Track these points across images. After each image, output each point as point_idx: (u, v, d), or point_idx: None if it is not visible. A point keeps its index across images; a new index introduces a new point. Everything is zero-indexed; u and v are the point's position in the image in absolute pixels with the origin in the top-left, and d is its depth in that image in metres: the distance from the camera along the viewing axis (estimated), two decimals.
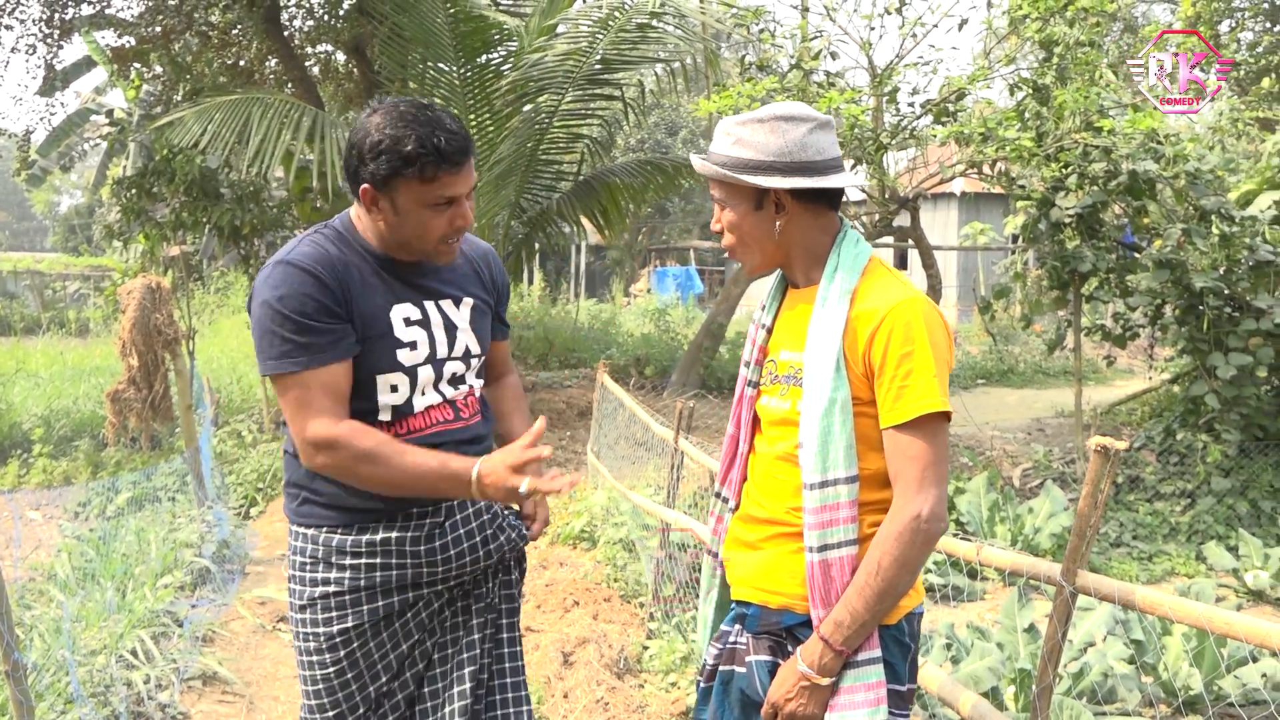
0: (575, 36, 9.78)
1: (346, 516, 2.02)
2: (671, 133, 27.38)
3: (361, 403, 1.98)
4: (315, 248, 1.97)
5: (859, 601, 1.78)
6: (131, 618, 4.48)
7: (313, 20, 12.15)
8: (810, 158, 1.87)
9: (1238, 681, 4.12)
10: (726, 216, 1.94)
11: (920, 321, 1.80)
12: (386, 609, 2.05)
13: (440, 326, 2.07)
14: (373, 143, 1.90)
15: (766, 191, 1.88)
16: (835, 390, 1.81)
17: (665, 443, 5.16)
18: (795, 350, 1.92)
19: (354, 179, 1.96)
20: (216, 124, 8.45)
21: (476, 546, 2.10)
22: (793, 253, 1.94)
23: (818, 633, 1.81)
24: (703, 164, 1.93)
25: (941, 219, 21.40)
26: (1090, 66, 7.53)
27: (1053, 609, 2.32)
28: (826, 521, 1.82)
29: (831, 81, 8.13)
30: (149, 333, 6.45)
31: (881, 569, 1.77)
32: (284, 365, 1.90)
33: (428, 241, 1.99)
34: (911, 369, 1.79)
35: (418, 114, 1.92)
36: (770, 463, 1.94)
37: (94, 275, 25.29)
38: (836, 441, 1.82)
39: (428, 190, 1.92)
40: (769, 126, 1.87)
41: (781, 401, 1.93)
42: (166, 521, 6.08)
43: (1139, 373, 11.48)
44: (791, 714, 1.82)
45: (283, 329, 1.89)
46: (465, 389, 2.13)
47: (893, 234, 9.25)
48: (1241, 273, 6.96)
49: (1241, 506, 6.80)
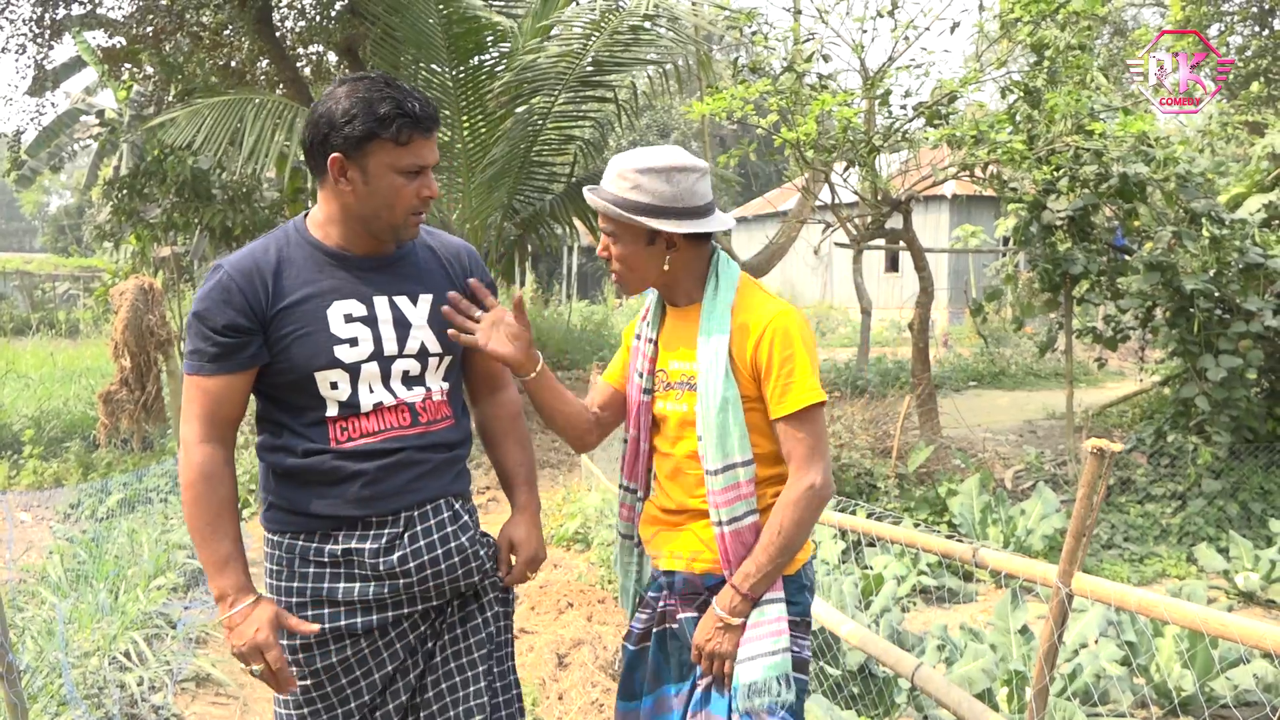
0: (568, 38, 9.78)
1: (309, 522, 2.00)
2: (664, 135, 27.41)
3: (304, 398, 1.99)
4: (249, 252, 2.00)
5: (764, 556, 2.10)
6: (124, 619, 4.46)
7: (304, 21, 12.12)
8: (697, 203, 2.14)
9: (1230, 682, 4.14)
10: (617, 249, 2.17)
11: (795, 329, 2.13)
12: (349, 627, 2.01)
13: (389, 323, 2.03)
14: (344, 108, 1.90)
15: (659, 231, 2.13)
16: (727, 390, 2.11)
17: None
18: (685, 360, 2.20)
19: (321, 149, 1.94)
20: (209, 124, 8.43)
21: (439, 559, 2.04)
22: (677, 280, 2.22)
23: (730, 583, 2.13)
24: (603, 203, 2.14)
25: (933, 221, 21.46)
26: (1081, 70, 7.56)
27: (1049, 611, 2.33)
28: (731, 499, 2.13)
29: (824, 84, 8.14)
30: (141, 334, 6.42)
31: (784, 529, 2.10)
32: (188, 366, 1.99)
33: (396, 213, 1.98)
34: (793, 369, 2.10)
35: (387, 83, 1.94)
36: (678, 460, 2.21)
37: (84, 276, 25.19)
38: (731, 432, 2.12)
39: (401, 154, 1.93)
40: (663, 176, 2.12)
41: (679, 405, 2.21)
42: (159, 523, 6.06)
43: (1130, 375, 11.52)
44: (712, 651, 2.14)
45: (195, 334, 1.96)
46: (423, 391, 2.06)
47: (885, 236, 9.27)
48: (1231, 275, 6.99)
49: (1232, 508, 6.84)
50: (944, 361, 14.14)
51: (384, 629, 2.04)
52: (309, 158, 1.99)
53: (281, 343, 1.96)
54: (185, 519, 1.98)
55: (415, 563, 2.01)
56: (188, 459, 1.96)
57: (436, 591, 2.06)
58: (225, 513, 1.95)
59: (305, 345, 1.96)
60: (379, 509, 1.99)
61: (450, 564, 2.05)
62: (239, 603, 1.92)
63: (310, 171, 2.04)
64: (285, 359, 1.96)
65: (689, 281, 2.22)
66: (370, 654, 2.05)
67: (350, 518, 1.99)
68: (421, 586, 2.03)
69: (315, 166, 1.98)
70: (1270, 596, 5.73)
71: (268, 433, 2.05)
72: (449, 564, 2.05)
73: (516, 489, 2.25)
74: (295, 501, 2.00)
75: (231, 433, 2.01)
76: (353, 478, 1.97)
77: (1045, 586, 2.37)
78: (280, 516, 2.03)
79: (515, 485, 2.25)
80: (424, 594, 2.04)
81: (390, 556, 1.99)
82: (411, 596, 2.04)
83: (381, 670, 2.06)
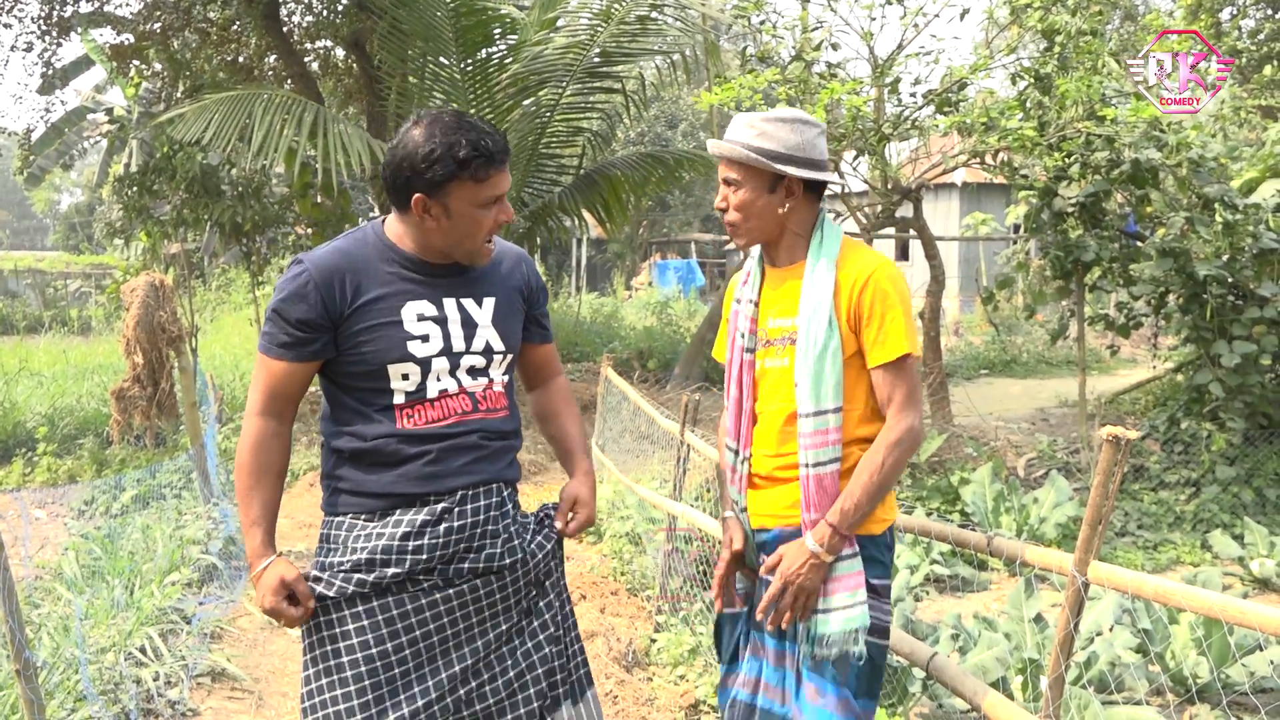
0: (575, 29, 9.76)
1: (371, 502, 2.12)
2: (671, 125, 27.34)
3: (376, 383, 2.13)
4: (331, 251, 2.15)
5: (861, 494, 2.20)
6: (140, 615, 4.48)
7: (312, 16, 12.12)
8: (818, 156, 2.29)
9: (1246, 669, 4.12)
10: (739, 196, 2.30)
11: (894, 282, 2.25)
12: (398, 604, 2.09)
13: (458, 323, 2.18)
14: (425, 153, 2.05)
15: (782, 178, 2.27)
16: (829, 338, 2.22)
17: (670, 436, 5.17)
18: (785, 317, 2.31)
19: (404, 190, 2.09)
20: (218, 120, 8.43)
21: (485, 535, 2.15)
22: (786, 233, 2.33)
23: (825, 520, 2.20)
24: (730, 147, 2.27)
25: (943, 209, 21.37)
26: (1092, 55, 7.49)
27: (1065, 599, 2.32)
28: (820, 443, 2.22)
29: (833, 72, 8.10)
30: (153, 330, 6.44)
31: (884, 467, 2.20)
32: (261, 344, 2.17)
33: (477, 240, 2.14)
34: (893, 318, 2.22)
35: (459, 121, 2.08)
36: (778, 419, 2.30)
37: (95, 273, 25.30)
38: (827, 379, 2.22)
39: (479, 190, 2.08)
40: (790, 126, 2.27)
41: (779, 360, 2.31)
42: (173, 519, 6.09)
43: (1142, 362, 11.47)
44: (800, 585, 2.21)
45: (271, 319, 2.13)
46: (486, 381, 2.21)
47: (895, 224, 9.23)
48: (1245, 260, 6.94)
49: (1246, 495, 6.80)
50: (955, 350, 14.10)
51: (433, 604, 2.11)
52: (390, 193, 2.14)
53: (357, 337, 2.11)
54: (235, 477, 2.18)
55: (460, 535, 2.12)
56: (246, 426, 2.17)
57: (470, 564, 2.14)
58: (265, 479, 2.14)
59: (380, 340, 2.11)
60: (437, 487, 2.12)
61: (494, 541, 2.16)
62: (255, 566, 2.11)
63: (391, 203, 2.17)
64: (359, 352, 2.12)
65: (796, 238, 2.33)
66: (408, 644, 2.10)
67: (409, 495, 2.12)
68: (460, 556, 2.13)
69: (395, 200, 2.13)
70: None
71: (335, 420, 2.19)
72: (492, 540, 2.16)
73: (575, 456, 2.42)
74: (360, 483, 2.14)
75: (291, 409, 2.19)
76: (416, 457, 2.11)
77: (1060, 575, 2.35)
78: (344, 499, 2.16)
79: (574, 452, 2.43)
80: (461, 562, 2.13)
81: (438, 526, 2.11)
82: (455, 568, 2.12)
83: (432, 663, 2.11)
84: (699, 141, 24.92)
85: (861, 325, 2.24)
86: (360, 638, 2.07)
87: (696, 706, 3.91)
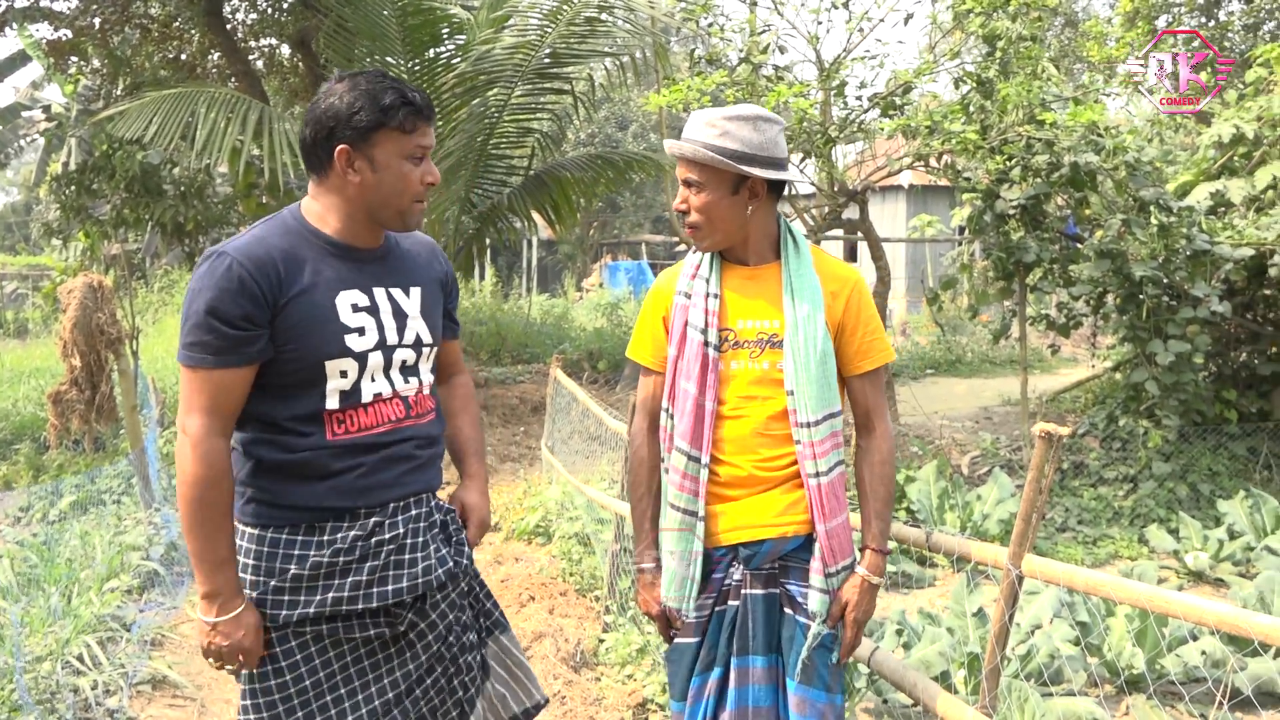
0: (524, 29, 9.72)
1: (293, 515, 2.00)
2: (622, 127, 27.36)
3: (308, 384, 1.99)
4: (255, 240, 1.98)
5: (887, 512, 2.23)
6: (78, 623, 4.39)
7: (256, 13, 11.96)
8: (780, 155, 2.22)
9: (1179, 660, 4.23)
10: (700, 198, 2.21)
11: (867, 291, 2.30)
12: (330, 616, 2.01)
13: (389, 313, 2.08)
14: (348, 102, 1.97)
15: (745, 179, 2.20)
16: (825, 343, 2.20)
17: (619, 436, 5.17)
18: (761, 319, 2.23)
19: (327, 143, 1.99)
20: (160, 118, 8.27)
21: (416, 547, 2.06)
22: (752, 235, 2.26)
23: (870, 548, 2.23)
24: (691, 148, 2.18)
25: (890, 211, 21.64)
26: (1032, 61, 7.65)
27: (1000, 592, 2.37)
28: (828, 449, 2.19)
29: (780, 75, 8.17)
30: (91, 333, 6.30)
31: (891, 479, 2.25)
32: (191, 358, 1.93)
33: (404, 197, 2.03)
34: (875, 327, 2.26)
35: (383, 76, 2.02)
36: (757, 423, 2.22)
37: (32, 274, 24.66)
38: (831, 384, 2.21)
39: (407, 141, 2.00)
40: (752, 124, 2.18)
41: (754, 363, 2.23)
42: (112, 525, 5.97)
43: (1082, 361, 11.71)
44: (863, 618, 2.23)
45: (200, 324, 1.92)
46: (416, 383, 2.12)
47: (842, 226, 9.33)
48: (1179, 262, 7.12)
49: (1181, 490, 6.98)
50: (902, 350, 14.27)
51: (364, 630, 2.03)
52: (309, 153, 2.03)
53: (291, 332, 1.96)
54: (184, 514, 1.94)
55: (391, 547, 2.03)
56: (194, 453, 1.92)
57: (409, 581, 2.05)
58: (229, 511, 1.96)
59: (315, 334, 1.97)
60: (369, 500, 2.02)
61: (426, 554, 2.07)
62: (231, 606, 1.93)
63: (308, 167, 2.04)
64: (295, 349, 1.96)
65: (762, 239, 2.28)
66: (353, 662, 2.04)
67: (338, 509, 2.00)
68: (396, 572, 2.03)
69: (316, 161, 2.02)
70: (1219, 575, 5.86)
71: (253, 428, 2.01)
72: (424, 555, 2.07)
73: (468, 459, 2.33)
74: (280, 494, 2.00)
75: (233, 426, 1.99)
76: (348, 470, 2.00)
77: (997, 569, 2.40)
78: (261, 510, 2.02)
79: (466, 455, 2.33)
80: (397, 581, 2.04)
81: (369, 540, 2.01)
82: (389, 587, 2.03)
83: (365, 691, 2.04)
84: (649, 143, 24.97)
85: (844, 333, 2.24)
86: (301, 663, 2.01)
87: (644, 705, 3.92)
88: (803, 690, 2.18)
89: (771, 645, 2.23)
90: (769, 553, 2.23)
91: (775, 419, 2.21)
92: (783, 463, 2.22)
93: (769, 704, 2.21)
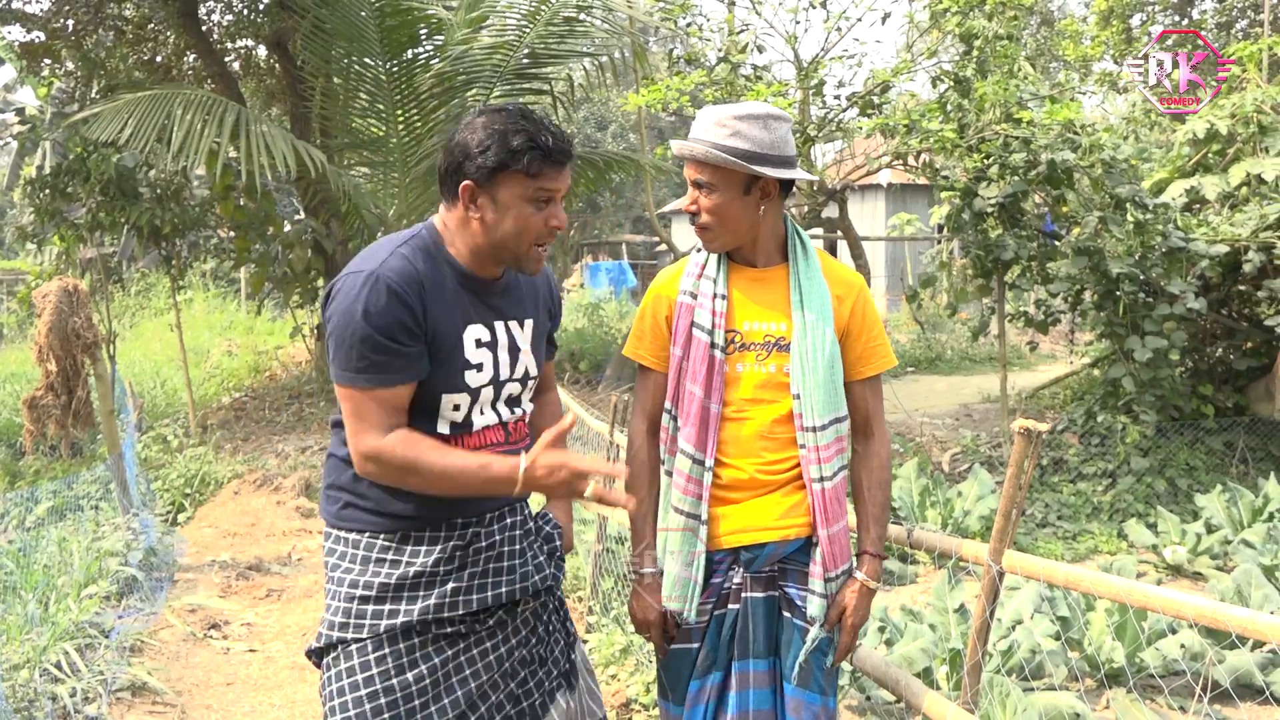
0: (503, 29, 9.71)
1: (393, 523, 2.00)
2: (601, 127, 27.37)
3: (424, 418, 1.99)
4: (405, 263, 1.95)
5: (885, 516, 2.23)
6: (55, 630, 4.35)
7: (232, 14, 11.87)
8: (790, 153, 2.18)
9: (1158, 653, 4.27)
10: (710, 200, 2.16)
11: (871, 297, 2.29)
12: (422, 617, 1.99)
13: (505, 348, 2.08)
14: (480, 139, 1.94)
15: (756, 179, 2.15)
16: (833, 347, 2.18)
17: (601, 437, 5.17)
18: (771, 321, 2.21)
19: (454, 177, 1.97)
20: (136, 120, 8.20)
21: (514, 554, 2.08)
22: (761, 235, 2.22)
23: (868, 553, 2.22)
24: (703, 149, 2.13)
25: (870, 210, 21.72)
26: (1009, 59, 7.71)
27: (981, 588, 2.38)
28: (834, 453, 2.18)
29: (758, 75, 8.20)
30: (66, 337, 6.23)
31: (888, 484, 2.25)
32: (357, 380, 1.91)
33: (523, 242, 1.99)
34: (879, 333, 2.26)
35: (521, 114, 1.98)
36: (762, 426, 2.20)
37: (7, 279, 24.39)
38: (839, 388, 2.20)
39: (531, 184, 1.95)
40: (762, 123, 2.14)
41: (760, 366, 2.20)
42: (90, 530, 5.91)
43: (1061, 357, 11.78)
44: (865, 620, 2.22)
45: (363, 345, 1.89)
46: (519, 412, 2.13)
47: (822, 225, 9.36)
48: (1155, 259, 7.19)
49: (1159, 485, 7.04)
50: None
51: (463, 634, 2.03)
52: (442, 184, 2.01)
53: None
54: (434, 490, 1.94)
55: (491, 558, 2.04)
56: (385, 461, 1.90)
57: (508, 587, 2.06)
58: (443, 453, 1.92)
59: (443, 367, 1.97)
60: (464, 512, 2.03)
61: (524, 561, 2.09)
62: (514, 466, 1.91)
63: (442, 194, 2.03)
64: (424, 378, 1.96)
65: (770, 240, 2.24)
66: (440, 664, 2.02)
67: (435, 519, 2.01)
68: (495, 579, 2.05)
69: (448, 191, 2.01)
70: (1197, 569, 5.92)
71: None
72: (522, 561, 2.09)
73: None
74: (383, 503, 2.00)
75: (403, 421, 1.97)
76: None
77: (978, 565, 2.42)
78: (361, 515, 2.02)
79: None
80: (496, 586, 2.05)
81: (468, 550, 2.02)
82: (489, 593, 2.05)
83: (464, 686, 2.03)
84: (629, 143, 24.99)
85: (849, 338, 2.23)
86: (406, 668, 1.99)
87: (628, 705, 3.92)
88: (799, 693, 2.17)
89: (771, 649, 2.21)
90: (770, 556, 2.21)
91: (779, 422, 2.19)
92: (784, 466, 2.20)
93: (769, 707, 2.20)
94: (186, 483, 7.83)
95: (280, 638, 5.04)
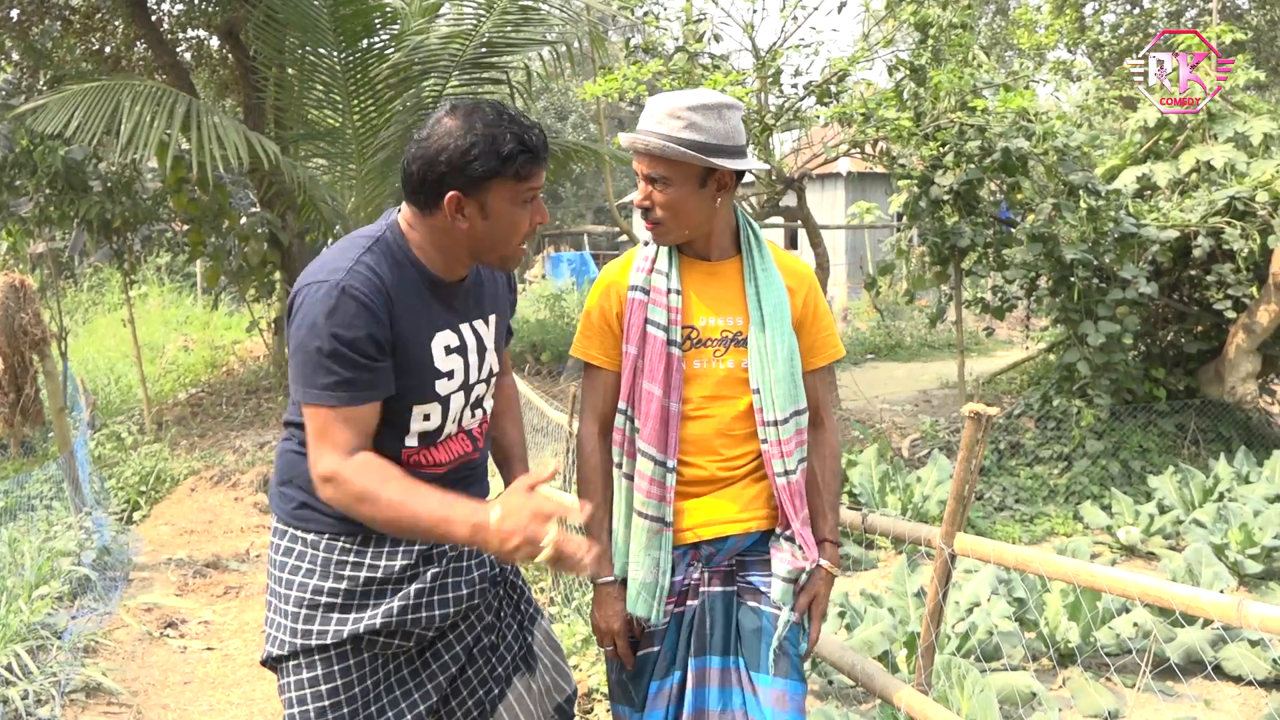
0: (459, 18, 9.63)
1: (352, 525, 1.91)
2: (561, 117, 27.27)
3: (393, 429, 1.92)
4: (371, 274, 1.86)
5: (838, 502, 2.26)
6: (6, 632, 4.27)
7: (182, 4, 11.66)
8: (743, 142, 2.11)
9: (1111, 632, 4.34)
10: (664, 194, 2.07)
11: (820, 288, 2.27)
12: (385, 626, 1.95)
13: (474, 350, 2.02)
14: (465, 147, 1.82)
15: (712, 171, 2.07)
16: (791, 339, 2.15)
17: (561, 427, 5.16)
18: (724, 316, 2.15)
19: (436, 187, 1.85)
20: (83, 111, 8.02)
21: (473, 567, 2.06)
22: (716, 228, 2.16)
23: (828, 540, 2.21)
24: (658, 143, 2.03)
25: (829, 199, 21.83)
26: (963, 48, 7.77)
27: (934, 571, 2.41)
28: (794, 446, 2.14)
29: (716, 64, 8.20)
30: (14, 334, 6.10)
31: (840, 473, 2.25)
32: (324, 398, 1.81)
33: (513, 243, 1.93)
34: (828, 322, 2.26)
35: (500, 114, 1.87)
36: (721, 422, 2.15)
37: None
38: (798, 381, 2.16)
39: (520, 188, 1.88)
40: (716, 112, 2.05)
41: (719, 363, 2.15)
42: (42, 530, 5.80)
43: (1017, 343, 11.94)
44: (824, 608, 2.22)
45: (330, 360, 1.80)
46: (482, 415, 2.08)
47: (780, 214, 9.40)
48: (1108, 245, 7.29)
49: (1114, 467, 7.16)
50: (843, 336, 14.42)
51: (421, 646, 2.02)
52: (415, 190, 1.89)
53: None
54: (386, 528, 1.84)
55: (439, 574, 2.01)
56: (340, 485, 1.79)
57: (455, 606, 2.04)
58: (405, 489, 1.79)
59: (411, 377, 1.90)
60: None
61: (470, 579, 2.06)
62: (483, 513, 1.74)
63: (409, 198, 1.91)
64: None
65: (725, 233, 2.19)
66: (408, 672, 2.01)
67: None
68: (442, 596, 2.02)
69: (421, 199, 1.89)
70: (1150, 549, 6.02)
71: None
72: (468, 579, 2.06)
73: (512, 463, 2.25)
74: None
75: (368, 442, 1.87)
76: None
77: (931, 548, 2.44)
78: (319, 516, 1.94)
79: (511, 460, 2.26)
80: (444, 606, 2.03)
81: (431, 549, 1.99)
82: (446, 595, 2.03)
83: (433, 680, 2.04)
84: (589, 133, 24.91)
85: (801, 329, 2.19)
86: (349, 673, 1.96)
87: (590, 695, 3.92)
88: (782, 683, 2.12)
89: (729, 647, 2.16)
90: (730, 549, 2.18)
91: (738, 419, 2.15)
92: (743, 461, 2.17)
93: (720, 708, 2.13)
94: (142, 480, 7.71)
95: (239, 635, 4.99)
